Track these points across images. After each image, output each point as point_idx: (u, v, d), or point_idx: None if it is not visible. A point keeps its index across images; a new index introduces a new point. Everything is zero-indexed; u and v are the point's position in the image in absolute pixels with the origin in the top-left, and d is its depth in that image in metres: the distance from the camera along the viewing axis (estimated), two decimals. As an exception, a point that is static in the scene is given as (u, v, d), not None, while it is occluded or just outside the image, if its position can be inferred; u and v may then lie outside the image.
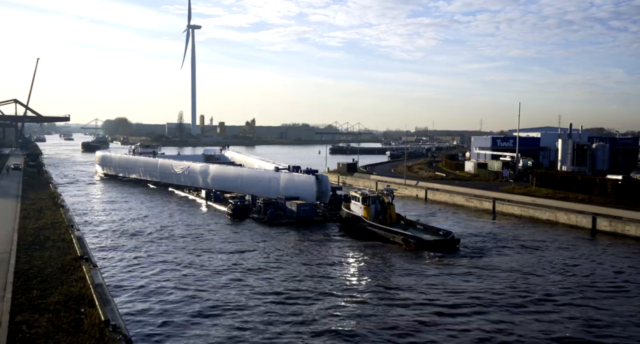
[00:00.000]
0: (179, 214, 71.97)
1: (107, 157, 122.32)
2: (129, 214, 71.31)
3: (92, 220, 66.51)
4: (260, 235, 58.64)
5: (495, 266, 45.68)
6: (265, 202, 67.39)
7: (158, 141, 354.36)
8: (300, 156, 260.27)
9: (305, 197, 68.82)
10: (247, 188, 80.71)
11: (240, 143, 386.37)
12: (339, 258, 49.37)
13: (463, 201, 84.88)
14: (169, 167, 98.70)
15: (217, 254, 49.63)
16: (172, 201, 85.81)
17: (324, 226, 64.21)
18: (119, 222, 64.94)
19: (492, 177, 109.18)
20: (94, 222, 64.68)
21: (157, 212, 73.48)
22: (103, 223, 64.41)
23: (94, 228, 61.24)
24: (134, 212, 73.05)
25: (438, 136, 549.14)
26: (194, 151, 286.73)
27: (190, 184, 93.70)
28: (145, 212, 73.76)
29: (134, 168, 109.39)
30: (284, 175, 74.50)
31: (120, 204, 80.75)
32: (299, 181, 71.14)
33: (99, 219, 67.11)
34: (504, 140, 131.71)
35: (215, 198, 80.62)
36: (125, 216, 70.27)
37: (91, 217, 68.97)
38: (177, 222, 65.47)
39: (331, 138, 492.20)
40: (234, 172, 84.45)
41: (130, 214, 71.89)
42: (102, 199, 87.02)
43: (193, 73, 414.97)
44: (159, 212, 74.02)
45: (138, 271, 43.64)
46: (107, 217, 69.11)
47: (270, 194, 75.54)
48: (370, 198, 58.71)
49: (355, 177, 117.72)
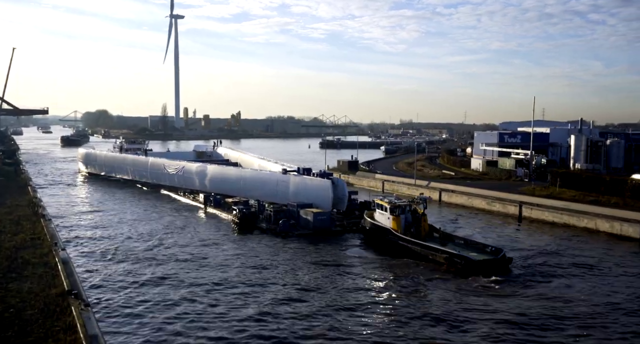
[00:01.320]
0: (177, 224, 64.04)
1: (91, 154, 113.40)
2: (120, 225, 63.18)
3: (77, 234, 58.07)
4: (276, 252, 51.14)
5: (564, 296, 38.36)
6: (276, 210, 59.95)
7: (141, 135, 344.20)
8: (290, 151, 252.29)
9: (320, 204, 61.55)
10: (250, 192, 73.16)
11: (226, 136, 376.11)
12: (374, 282, 42.19)
13: (483, 204, 78.24)
14: (161, 167, 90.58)
15: (234, 285, 41.85)
16: (166, 206, 77.74)
17: (343, 238, 57.02)
18: (108, 237, 56.63)
19: (504, 176, 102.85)
20: (80, 237, 56.35)
21: (151, 222, 65.50)
22: (91, 239, 55.80)
23: (81, 245, 52.81)
24: (125, 222, 64.99)
25: (425, 129, 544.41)
26: (178, 145, 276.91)
27: (186, 186, 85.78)
28: (137, 221, 65.78)
29: (122, 167, 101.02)
30: (295, 178, 66.91)
31: (109, 211, 72.49)
32: (313, 186, 63.69)
33: (86, 233, 58.43)
34: (512, 136, 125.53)
35: (215, 203, 72.91)
36: (116, 227, 62.11)
37: (76, 229, 60.32)
38: (175, 235, 57.48)
39: (318, 131, 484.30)
40: (235, 173, 76.65)
41: (120, 224, 63.82)
42: (87, 204, 78.50)
43: (176, 64, 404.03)
44: (153, 221, 66.04)
45: (138, 311, 35.48)
46: (94, 229, 60.64)
47: (278, 200, 68.12)
48: (400, 207, 51.64)
49: (358, 177, 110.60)
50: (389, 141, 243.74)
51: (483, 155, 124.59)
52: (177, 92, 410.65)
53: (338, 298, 37.99)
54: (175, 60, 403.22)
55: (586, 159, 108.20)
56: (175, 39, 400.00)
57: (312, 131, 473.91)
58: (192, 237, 56.71)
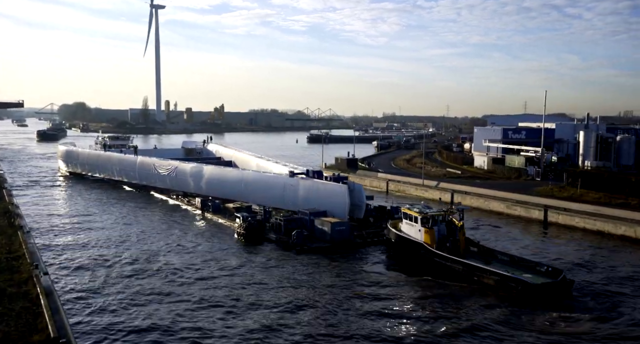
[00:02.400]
0: (172, 234, 57.12)
1: (72, 152, 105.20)
2: (109, 237, 56.01)
3: (60, 250, 50.44)
4: (291, 270, 44.70)
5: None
6: (287, 220, 53.41)
7: (121, 128, 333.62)
8: (277, 145, 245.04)
9: (335, 211, 55.18)
10: (252, 196, 66.53)
11: (209, 130, 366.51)
12: (408, 309, 36.01)
13: (502, 207, 72.59)
14: (150, 166, 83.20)
15: (250, 316, 35.45)
16: (157, 211, 70.47)
17: (364, 252, 50.67)
18: (96, 255, 49.24)
19: (513, 174, 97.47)
20: (63, 254, 48.79)
21: (143, 232, 58.43)
22: (76, 256, 48.23)
23: (65, 267, 45.43)
24: (115, 233, 57.85)
25: (409, 122, 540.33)
26: (160, 140, 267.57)
27: (179, 188, 78.67)
28: (127, 232, 58.65)
29: (107, 167, 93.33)
30: (304, 182, 60.22)
31: (95, 219, 65.13)
32: (326, 191, 57.13)
33: (70, 249, 50.67)
34: (516, 131, 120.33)
35: (213, 209, 66.12)
36: (104, 240, 54.81)
37: (59, 244, 52.42)
38: (173, 251, 50.48)
39: (302, 124, 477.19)
40: (235, 175, 69.71)
41: (109, 236, 56.64)
42: (70, 211, 70.73)
43: (157, 55, 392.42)
44: (145, 231, 58.97)
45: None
46: (80, 244, 52.86)
47: (285, 205, 61.70)
48: (433, 218, 45.49)
49: (359, 176, 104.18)
50: (381, 135, 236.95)
51: (486, 152, 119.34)
52: (158, 84, 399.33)
53: (367, 331, 31.92)
54: (157, 51, 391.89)
55: (596, 156, 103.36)
56: (156, 30, 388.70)
57: (296, 125, 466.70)
58: (192, 252, 49.88)
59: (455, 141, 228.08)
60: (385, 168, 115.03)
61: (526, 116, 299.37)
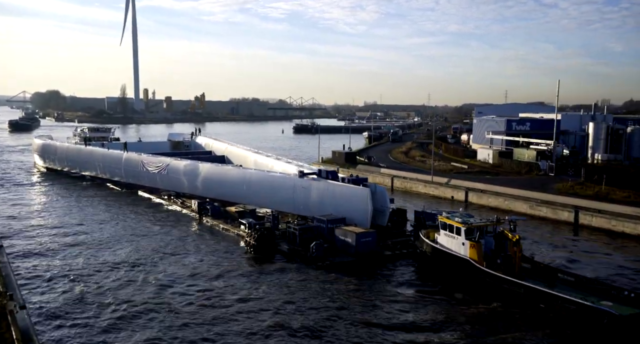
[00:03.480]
0: (168, 245, 50.01)
1: (50, 146, 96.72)
2: (94, 249, 48.82)
3: (38, 272, 42.82)
4: (313, 292, 38.17)
5: None
6: (302, 229, 46.76)
7: (98, 118, 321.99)
8: (262, 136, 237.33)
9: (355, 218, 48.71)
10: (256, 198, 59.71)
11: (190, 120, 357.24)
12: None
13: (524, 208, 66.89)
14: (138, 163, 75.59)
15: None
16: (147, 215, 62.92)
17: (394, 267, 44.26)
18: (82, 274, 42.25)
19: (523, 169, 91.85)
20: (41, 275, 41.56)
21: (133, 242, 51.29)
22: (57, 278, 41.03)
23: (45, 292, 38.17)
24: (100, 243, 50.67)
25: (392, 112, 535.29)
26: (137, 130, 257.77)
27: (171, 187, 71.39)
28: (115, 241, 51.52)
29: (89, 163, 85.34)
30: (318, 184, 53.42)
31: (77, 225, 57.86)
32: (344, 195, 50.47)
33: (50, 270, 43.33)
34: (520, 123, 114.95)
35: (213, 212, 59.19)
36: (88, 254, 47.58)
37: (38, 264, 44.81)
38: (171, 267, 43.53)
39: (285, 114, 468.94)
40: (236, 175, 62.60)
41: (95, 248, 49.43)
42: (47, 217, 62.57)
43: (135, 41, 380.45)
44: (136, 241, 51.80)
45: None
46: (62, 261, 45.37)
47: (295, 210, 55.12)
48: (479, 229, 39.30)
49: (359, 171, 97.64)
50: (372, 125, 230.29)
51: (489, 144, 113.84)
52: (136, 72, 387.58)
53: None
54: (134, 37, 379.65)
55: (606, 148, 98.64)
56: (133, 16, 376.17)
57: (278, 114, 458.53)
58: (194, 269, 42.86)
59: (447, 132, 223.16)
60: (384, 162, 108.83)
61: (515, 106, 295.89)
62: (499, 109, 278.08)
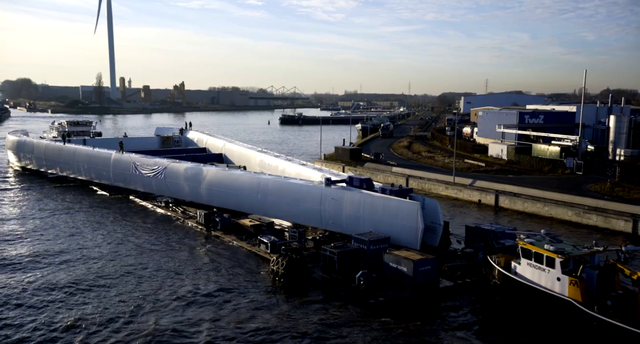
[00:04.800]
0: (171, 271, 41.62)
1: (26, 143, 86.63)
2: (78, 273, 40.48)
3: (9, 302, 35.05)
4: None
5: None
6: (342, 252, 38.75)
7: (73, 108, 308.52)
8: (249, 128, 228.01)
9: (401, 237, 40.96)
10: (273, 209, 51.43)
11: (169, 110, 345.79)
12: None
13: (570, 215, 59.84)
14: (129, 165, 66.49)
15: None
16: (144, 228, 53.95)
17: (459, 304, 36.40)
18: (63, 308, 34.24)
19: (545, 167, 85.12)
20: (13, 316, 33.41)
21: (127, 265, 42.90)
22: (34, 312, 33.32)
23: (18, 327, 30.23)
24: (86, 265, 42.26)
25: (375, 101, 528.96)
26: (114, 122, 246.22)
27: (168, 193, 62.73)
28: (105, 262, 43.14)
29: (71, 163, 75.88)
30: (352, 195, 45.12)
31: (57, 239, 49.21)
32: (386, 209, 42.47)
33: (25, 306, 35.63)
34: (533, 116, 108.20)
35: (222, 225, 50.88)
36: (72, 277, 39.44)
37: (9, 297, 37.18)
38: (180, 305, 35.34)
39: (266, 103, 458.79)
40: (249, 181, 53.94)
41: (79, 270, 41.07)
42: (24, 226, 54.19)
43: (110, 27, 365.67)
44: (131, 263, 43.39)
45: None
46: (41, 291, 37.67)
47: (322, 225, 47.19)
48: (577, 260, 31.75)
49: (367, 169, 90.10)
50: (365, 116, 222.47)
51: (501, 139, 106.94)
52: (112, 59, 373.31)
53: None
54: (109, 23, 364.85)
55: (628, 143, 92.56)
56: (107, 1, 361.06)
57: (260, 103, 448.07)
58: (213, 311, 34.58)
59: (440, 123, 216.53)
60: (391, 158, 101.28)
61: (507, 95, 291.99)
62: (489, 98, 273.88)
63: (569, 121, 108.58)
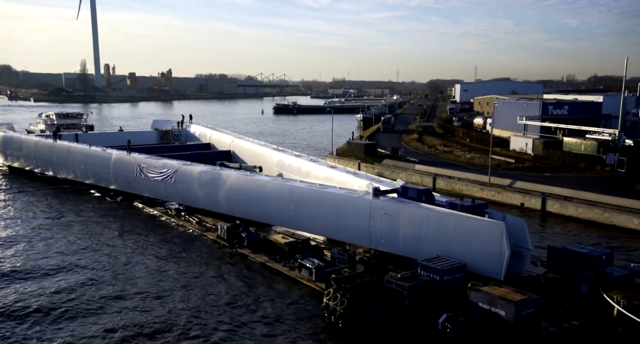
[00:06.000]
0: (196, 303, 34.48)
1: (13, 140, 77.60)
2: (77, 302, 33.10)
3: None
4: None
5: None
6: (414, 286, 31.57)
7: (57, 96, 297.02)
8: (242, 118, 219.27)
9: (480, 264, 33.81)
10: (307, 223, 44.02)
11: (157, 98, 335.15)
12: None
13: (635, 223, 53.20)
14: (133, 167, 58.53)
15: None
16: (156, 243, 46.35)
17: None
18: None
19: (580, 163, 78.50)
20: None
21: (138, 293, 35.59)
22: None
23: None
24: (87, 292, 34.84)
25: (365, 88, 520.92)
26: (100, 112, 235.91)
27: (180, 200, 55.10)
28: (110, 288, 35.72)
29: (65, 163, 67.67)
30: (412, 210, 37.37)
31: (49, 255, 41.57)
32: (458, 229, 34.80)
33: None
34: (557, 106, 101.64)
35: (250, 242, 43.52)
36: (70, 305, 32.08)
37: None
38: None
39: (255, 91, 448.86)
40: (278, 189, 46.07)
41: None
42: (9, 240, 46.53)
43: (93, 12, 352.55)
44: (144, 291, 36.10)
45: None
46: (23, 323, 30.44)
47: (371, 243, 39.91)
48: None
49: (386, 167, 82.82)
50: (361, 105, 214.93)
51: (523, 132, 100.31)
52: (96, 45, 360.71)
53: None
54: (92, 6, 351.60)
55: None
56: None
57: (249, 91, 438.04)
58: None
59: (440, 111, 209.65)
60: (407, 153, 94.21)
61: (506, 83, 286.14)
62: (486, 86, 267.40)
63: (595, 112, 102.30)
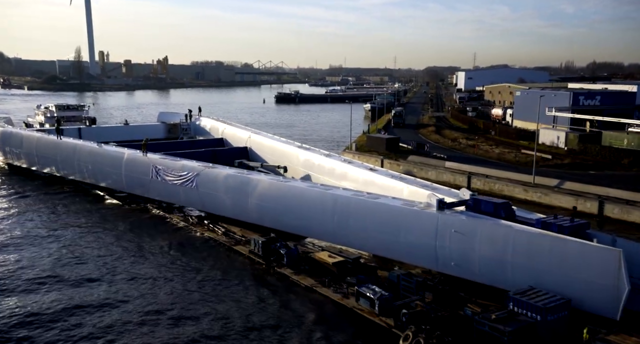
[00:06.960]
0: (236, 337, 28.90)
1: (13, 136, 70.27)
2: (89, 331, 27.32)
3: None
4: None
5: None
6: (515, 331, 25.88)
7: (51, 84, 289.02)
8: (243, 107, 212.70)
9: (587, 301, 27.95)
10: (356, 238, 38.11)
11: (153, 86, 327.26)
12: None
13: None
14: (148, 168, 52.36)
15: None
16: (178, 259, 40.65)
17: None
18: None
19: (623, 159, 72.79)
20: None
21: (163, 324, 29.91)
22: None
23: None
24: (99, 322, 29.06)
25: (364, 76, 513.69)
26: (96, 100, 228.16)
27: (202, 207, 49.12)
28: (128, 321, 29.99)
29: (70, 162, 61.37)
30: (489, 227, 31.05)
31: (51, 271, 35.75)
32: (556, 254, 28.79)
33: None
34: (588, 96, 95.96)
35: (290, 260, 37.65)
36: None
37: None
38: None
39: (253, 79, 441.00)
40: (320, 197, 39.28)
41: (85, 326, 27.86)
42: (7, 250, 40.70)
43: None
44: (169, 323, 30.42)
45: None
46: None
47: (436, 265, 34.18)
48: None
49: (411, 164, 76.88)
50: (364, 94, 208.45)
51: (554, 123, 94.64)
52: (90, 32, 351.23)
53: None
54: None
55: None
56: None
57: (247, 79, 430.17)
58: None
59: (448, 101, 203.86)
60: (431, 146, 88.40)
61: (510, 70, 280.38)
62: (492, 73, 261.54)
63: (628, 102, 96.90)
